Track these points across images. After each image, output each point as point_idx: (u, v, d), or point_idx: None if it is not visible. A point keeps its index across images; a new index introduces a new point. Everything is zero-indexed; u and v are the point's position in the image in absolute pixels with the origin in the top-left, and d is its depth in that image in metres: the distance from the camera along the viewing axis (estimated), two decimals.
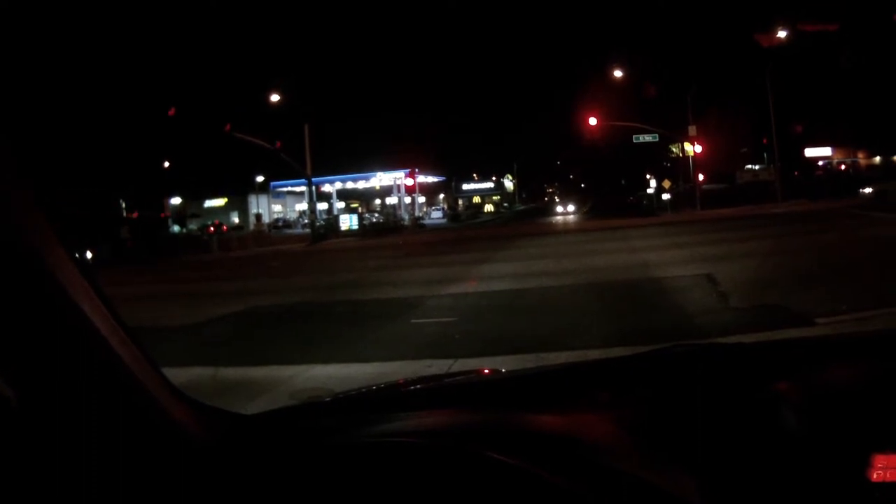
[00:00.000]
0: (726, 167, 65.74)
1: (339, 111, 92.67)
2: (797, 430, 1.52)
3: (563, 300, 13.20)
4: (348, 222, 62.30)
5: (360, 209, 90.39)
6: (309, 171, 55.92)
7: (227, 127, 48.59)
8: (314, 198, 58.12)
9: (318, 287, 19.35)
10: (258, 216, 69.91)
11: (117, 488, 1.30)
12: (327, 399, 2.16)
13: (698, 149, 54.66)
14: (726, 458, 1.47)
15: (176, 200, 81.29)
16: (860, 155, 66.54)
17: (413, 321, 12.15)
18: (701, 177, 55.14)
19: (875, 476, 1.32)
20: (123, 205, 64.59)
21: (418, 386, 2.29)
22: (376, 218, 76.26)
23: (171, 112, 45.03)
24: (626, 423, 1.61)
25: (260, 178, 78.75)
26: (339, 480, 1.38)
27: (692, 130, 53.65)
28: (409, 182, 77.38)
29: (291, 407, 2.01)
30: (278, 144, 51.48)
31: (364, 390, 2.25)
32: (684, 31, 58.32)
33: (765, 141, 55.81)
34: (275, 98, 54.51)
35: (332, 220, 65.29)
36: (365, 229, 61.48)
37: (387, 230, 61.80)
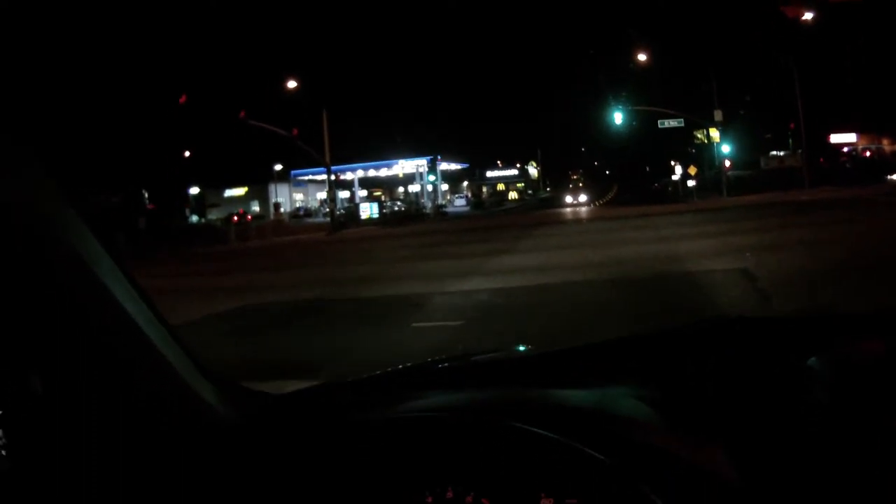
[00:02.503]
0: (751, 153, 64.55)
1: (361, 98, 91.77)
2: (826, 403, 1.46)
3: (587, 298, 11.89)
4: (368, 211, 61.36)
5: (382, 197, 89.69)
6: (327, 159, 55.22)
7: (242, 113, 48.06)
8: (333, 186, 57.04)
9: (324, 281, 18.16)
10: (276, 205, 68.96)
11: (148, 468, 1.33)
12: (354, 379, 2.00)
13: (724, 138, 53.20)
14: (755, 433, 1.44)
15: (195, 190, 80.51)
16: (885, 141, 65.30)
17: (415, 325, 10.84)
18: (727, 163, 53.59)
19: None
20: (146, 195, 64.21)
21: (446, 364, 2.15)
22: (398, 206, 75.26)
23: (183, 100, 44.46)
24: (655, 398, 1.57)
25: (278, 167, 77.74)
26: (368, 455, 1.40)
27: (718, 115, 52.13)
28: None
29: (321, 385, 1.97)
30: (295, 132, 51.13)
31: (391, 370, 2.07)
32: (709, 13, 56.51)
33: (791, 126, 54.37)
34: (293, 85, 53.92)
35: (353, 208, 64.35)
36: (385, 218, 60.68)
37: (408, 218, 60.76)
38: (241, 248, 39.81)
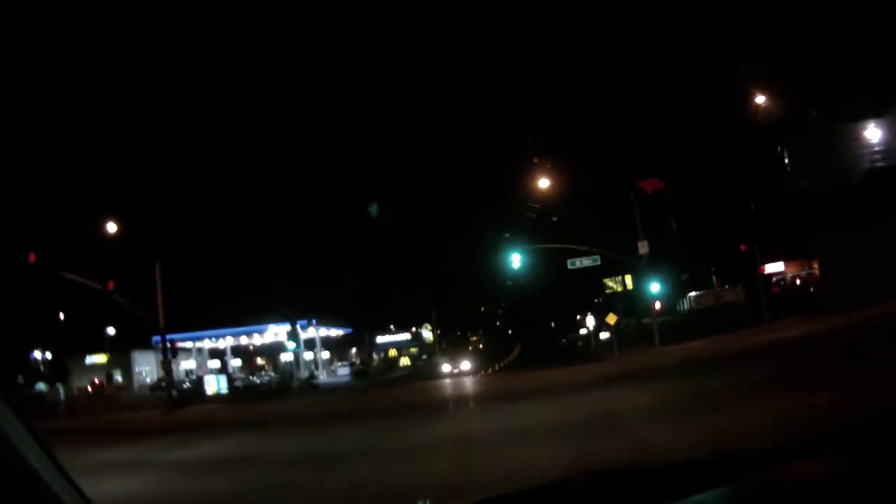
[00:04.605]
0: (669, 297, 57.08)
1: (234, 256, 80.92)
2: None
3: None
4: (215, 385, 49.28)
5: (265, 367, 78.80)
6: (161, 323, 43.57)
7: (32, 257, 36.59)
8: (168, 355, 44.86)
9: None
10: (108, 376, 56.29)
11: None
12: None
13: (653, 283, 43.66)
14: None
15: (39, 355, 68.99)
16: (815, 266, 58.73)
17: None
18: (658, 305, 43.66)
19: None
20: None
21: None
22: (266, 377, 63.34)
23: (32, 259, 35.97)
24: None
25: (111, 331, 66.15)
26: None
27: (643, 247, 42.22)
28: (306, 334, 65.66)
29: None
30: (111, 286, 39.95)
31: None
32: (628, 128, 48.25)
33: (743, 247, 46.34)
34: (116, 230, 43.40)
35: (196, 382, 52.33)
36: (237, 393, 48.53)
37: (265, 394, 48.68)
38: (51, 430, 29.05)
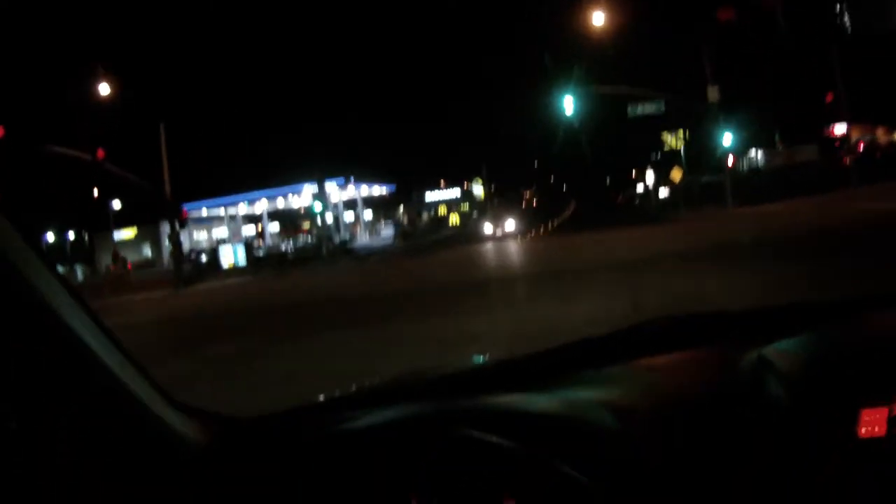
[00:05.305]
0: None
1: (272, 112, 75.71)
2: (783, 394, 1.51)
3: None
4: (231, 256, 44.45)
5: (308, 231, 74.14)
6: (167, 191, 38.81)
7: (1, 131, 31.40)
8: (176, 225, 39.94)
9: None
10: (115, 255, 50.43)
11: (117, 495, 1.33)
12: (312, 403, 1.94)
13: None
14: (717, 430, 1.49)
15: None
16: (879, 131, 55.43)
17: None
18: (731, 160, 37.72)
19: (863, 431, 1.35)
20: None
21: (410, 378, 2.14)
22: (301, 243, 58.42)
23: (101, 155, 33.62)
24: (615, 404, 1.58)
25: (117, 205, 61.39)
26: (330, 472, 1.40)
27: (712, 92, 36.24)
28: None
29: (290, 408, 1.86)
30: (101, 154, 35.12)
31: (357, 388, 2.02)
32: None
33: (829, 99, 42.50)
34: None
35: (211, 254, 47.41)
36: (255, 263, 43.78)
37: (289, 262, 43.67)
38: None
